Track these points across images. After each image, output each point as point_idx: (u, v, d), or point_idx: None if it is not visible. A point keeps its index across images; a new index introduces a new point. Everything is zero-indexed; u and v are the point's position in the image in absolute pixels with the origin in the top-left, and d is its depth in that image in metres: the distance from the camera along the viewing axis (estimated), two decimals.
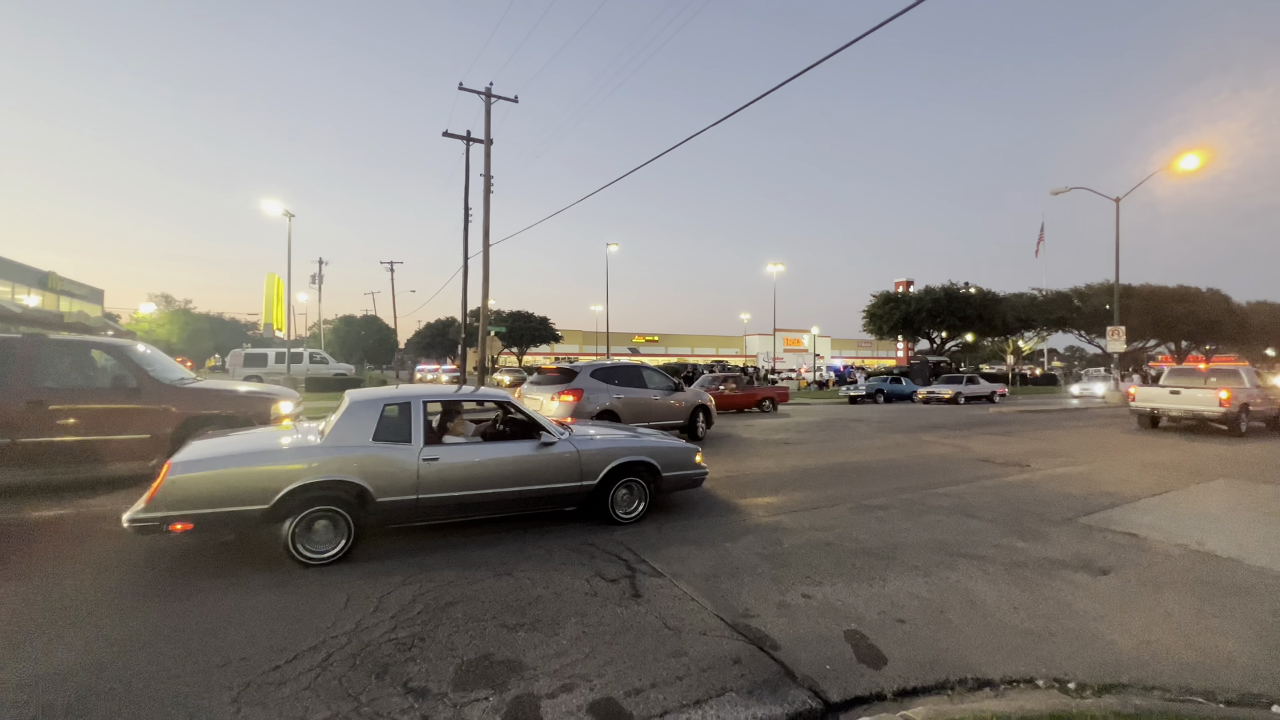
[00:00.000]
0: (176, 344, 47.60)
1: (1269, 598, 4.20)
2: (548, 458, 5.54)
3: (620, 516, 5.85)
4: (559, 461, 5.57)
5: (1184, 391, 14.21)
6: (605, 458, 5.79)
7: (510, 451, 5.44)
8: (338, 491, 4.65)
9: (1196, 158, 20.59)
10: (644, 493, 5.99)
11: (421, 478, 4.95)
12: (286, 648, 3.24)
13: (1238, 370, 14.75)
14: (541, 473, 5.49)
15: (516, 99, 20.65)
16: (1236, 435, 13.70)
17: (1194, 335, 46.15)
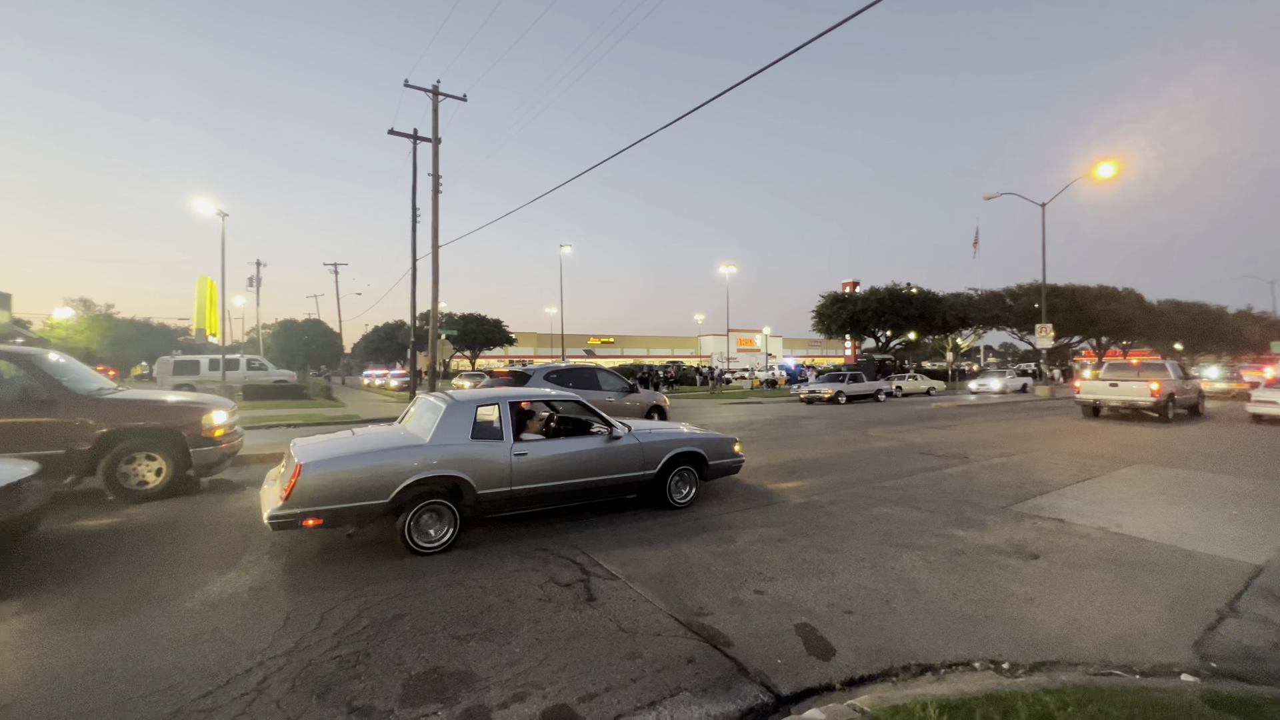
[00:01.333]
0: (98, 352, 44.34)
1: (1177, 574, 4.55)
2: (618, 450, 6.10)
3: (675, 501, 6.46)
4: (626, 453, 6.13)
5: (1121, 384, 15.89)
6: (664, 448, 6.37)
7: (586, 445, 5.98)
8: (446, 485, 5.11)
9: (1111, 166, 22.13)
10: (694, 479, 6.63)
11: (514, 471, 5.43)
12: (219, 672, 3.06)
13: (1164, 364, 16.46)
14: (613, 463, 6.04)
15: (465, 97, 20.24)
16: (1165, 421, 15.31)
17: (1113, 332, 49.52)
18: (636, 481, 6.26)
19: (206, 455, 7.19)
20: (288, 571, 4.51)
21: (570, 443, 5.94)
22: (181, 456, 7.03)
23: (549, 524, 5.83)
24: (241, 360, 28.59)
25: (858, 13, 7.46)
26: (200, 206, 23.21)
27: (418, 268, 22.49)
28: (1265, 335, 55.20)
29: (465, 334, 53.50)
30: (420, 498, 4.98)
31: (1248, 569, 4.66)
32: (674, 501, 6.46)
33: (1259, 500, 6.88)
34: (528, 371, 11.00)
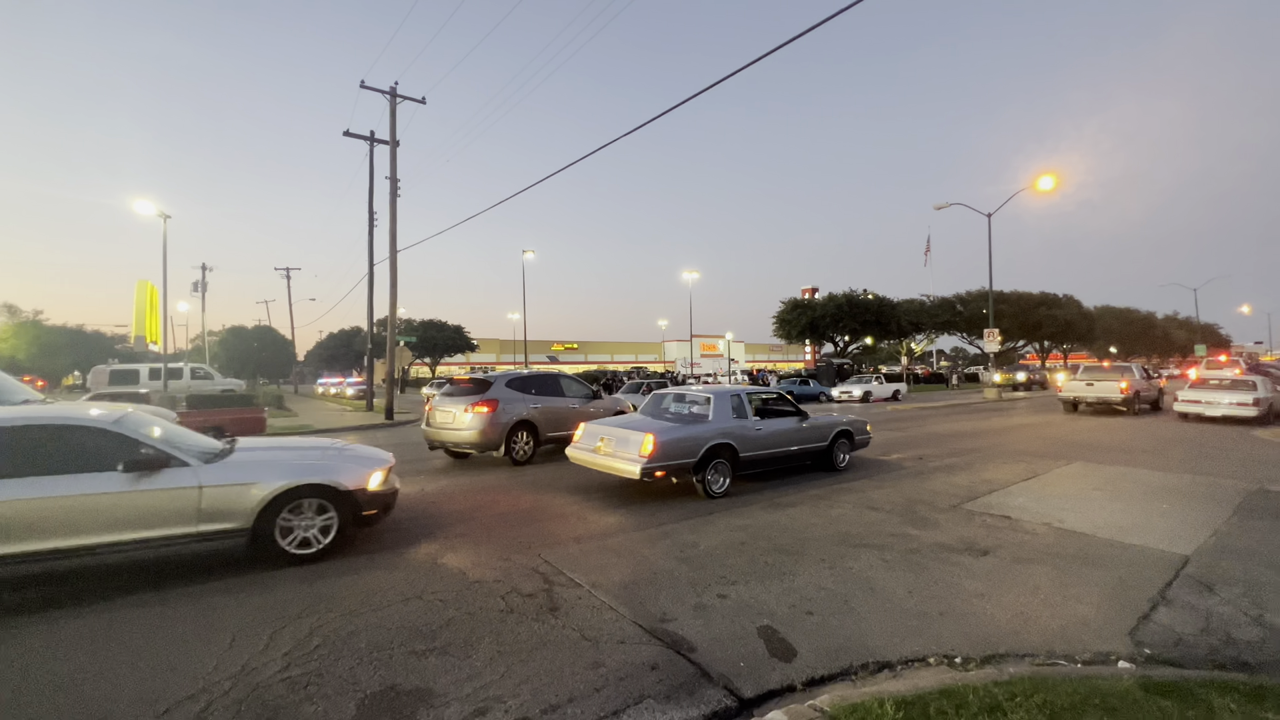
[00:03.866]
0: (24, 361, 41.52)
1: (1114, 566, 4.80)
2: (806, 427, 8.65)
3: (838, 465, 9.08)
4: (811, 430, 8.72)
5: (1096, 384, 18.97)
6: (832, 426, 9.05)
7: (791, 424, 8.52)
8: (727, 449, 7.35)
9: (1051, 179, 23.33)
10: (848, 449, 9.30)
11: (757, 440, 7.84)
12: (159, 699, 2.89)
13: (1130, 367, 19.68)
14: (806, 436, 8.63)
15: (424, 100, 19.90)
16: (1133, 414, 18.14)
17: (1055, 336, 52.09)
18: (816, 451, 8.82)
19: None
20: (234, 591, 4.31)
21: (782, 421, 8.45)
22: None
23: (514, 533, 5.74)
24: (185, 369, 27.25)
25: (820, 23, 7.67)
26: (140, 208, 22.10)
27: (375, 272, 21.94)
28: (1190, 339, 59.05)
29: (425, 341, 52.36)
30: (712, 456, 7.25)
31: (1177, 559, 4.95)
32: (837, 465, 9.09)
33: (1186, 494, 7.33)
34: (489, 379, 10.83)
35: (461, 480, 8.66)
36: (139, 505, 4.32)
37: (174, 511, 4.43)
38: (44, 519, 4.05)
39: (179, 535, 4.45)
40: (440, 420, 10.28)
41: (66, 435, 4.38)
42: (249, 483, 4.72)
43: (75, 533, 4.13)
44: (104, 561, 4.27)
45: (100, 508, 4.21)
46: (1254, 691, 2.89)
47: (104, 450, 4.38)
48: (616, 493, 7.57)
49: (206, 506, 4.54)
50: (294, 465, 5.03)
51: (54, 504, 4.08)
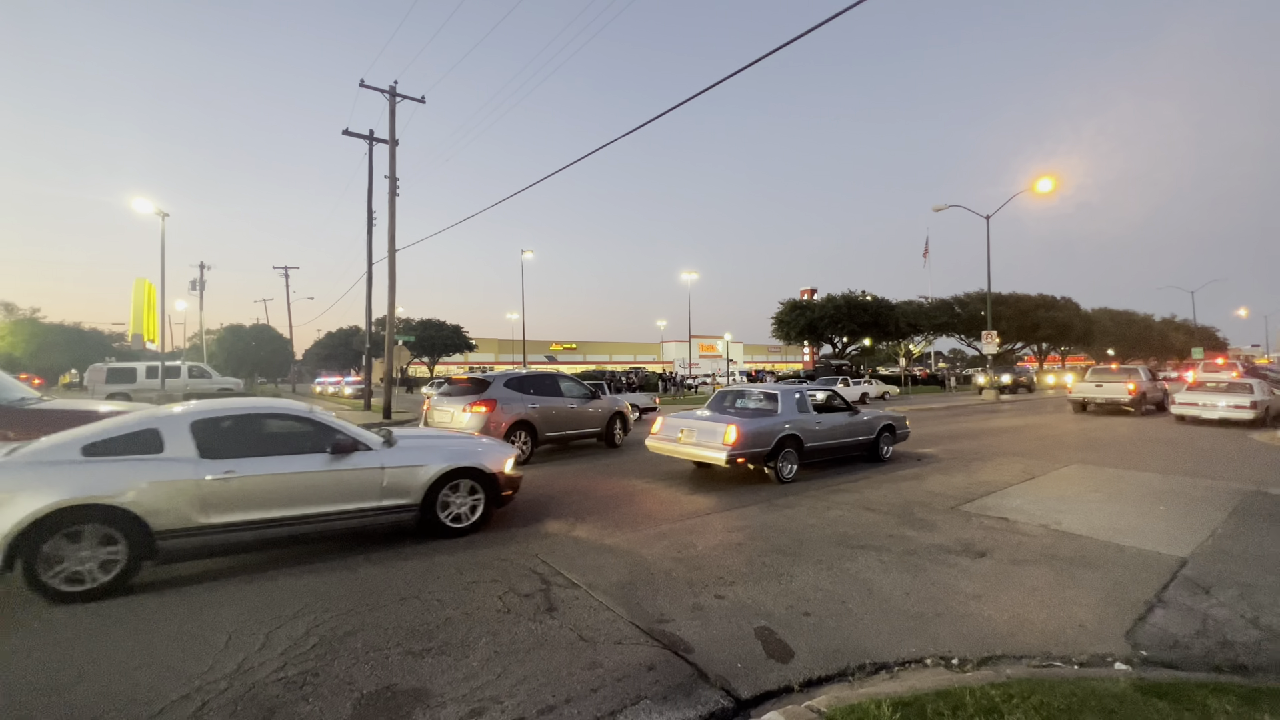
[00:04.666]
0: (21, 358, 41.41)
1: (1111, 568, 4.80)
2: (857, 421, 9.68)
3: (884, 456, 10.15)
4: (861, 424, 9.75)
5: (1105, 385, 19.61)
6: (879, 421, 10.13)
7: (844, 419, 9.50)
8: (794, 440, 8.42)
9: (1050, 181, 23.39)
10: (891, 441, 10.37)
11: (817, 432, 8.87)
12: (152, 700, 2.88)
13: (1137, 369, 20.43)
14: (856, 430, 9.65)
15: (424, 99, 19.88)
16: (1138, 415, 18.79)
17: (1053, 338, 52.19)
18: (864, 443, 9.83)
19: None
20: (230, 590, 4.30)
21: (837, 416, 9.46)
22: None
23: (510, 533, 5.74)
24: (183, 368, 27.18)
25: (818, 25, 7.68)
26: (138, 206, 22.06)
27: (374, 271, 21.92)
28: (1188, 341, 59.20)
29: (424, 340, 52.31)
30: (782, 446, 8.23)
31: (1174, 562, 4.96)
32: (882, 456, 10.12)
33: (1183, 497, 7.34)
34: (488, 378, 10.82)
35: None
36: (340, 482, 5.08)
37: (365, 488, 5.17)
38: (274, 491, 4.77)
39: (367, 509, 5.19)
40: (438, 420, 10.27)
41: (286, 421, 5.22)
42: (419, 465, 5.47)
43: (295, 504, 4.86)
44: (311, 530, 4.97)
45: (314, 483, 4.97)
46: (1250, 694, 2.89)
47: (309, 435, 5.17)
48: (615, 493, 7.57)
49: (387, 484, 5.28)
50: (452, 450, 5.75)
51: (281, 479, 4.82)
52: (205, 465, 4.57)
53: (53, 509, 3.99)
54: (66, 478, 4.14)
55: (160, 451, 4.52)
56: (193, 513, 4.45)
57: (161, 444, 4.55)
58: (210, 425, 4.81)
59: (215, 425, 4.84)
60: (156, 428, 4.63)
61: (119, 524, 4.19)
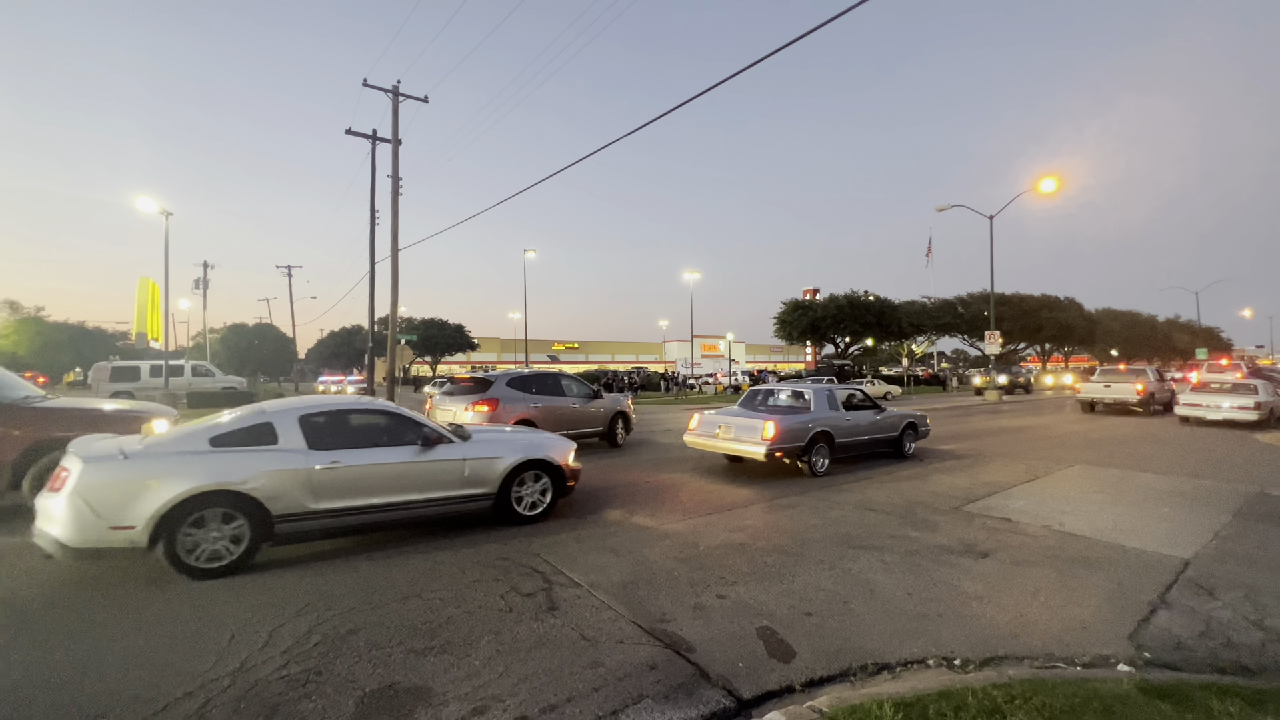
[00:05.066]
0: (25, 357, 41.59)
1: (1114, 569, 4.79)
2: (882, 419, 10.18)
3: (907, 452, 10.54)
4: (887, 420, 10.27)
5: (1113, 385, 19.86)
6: (902, 419, 10.56)
7: (870, 416, 10.02)
8: (826, 436, 8.92)
9: (1053, 181, 23.32)
10: (913, 438, 10.80)
11: (846, 429, 9.35)
12: (155, 697, 2.89)
13: (1145, 370, 20.49)
14: (881, 427, 10.10)
15: (427, 99, 19.90)
16: (1148, 414, 19.16)
17: (1056, 338, 52.09)
18: (889, 439, 10.27)
19: None
20: (233, 588, 4.31)
21: (864, 413, 9.94)
22: None
23: (511, 532, 5.74)
24: (186, 366, 27.29)
25: (821, 25, 7.67)
26: (142, 205, 22.13)
27: (376, 271, 21.94)
28: (1192, 342, 58.97)
29: (426, 339, 52.40)
30: (815, 441, 8.69)
31: (1177, 563, 4.94)
32: (905, 452, 10.50)
33: (1186, 498, 7.32)
34: (490, 378, 10.83)
35: None
36: (428, 472, 5.51)
37: (449, 478, 5.61)
38: (372, 480, 5.20)
39: (450, 497, 5.63)
40: (441, 419, 10.30)
41: (377, 417, 5.66)
42: (496, 457, 5.91)
43: (390, 492, 5.29)
44: (402, 517, 5.39)
45: (406, 473, 5.39)
46: (1254, 696, 2.88)
47: (398, 429, 5.61)
48: (615, 493, 7.57)
49: (469, 475, 5.73)
50: (524, 444, 6.22)
51: (378, 469, 5.25)
52: (314, 456, 4.99)
53: (191, 493, 4.42)
54: (200, 466, 4.56)
55: (275, 444, 4.93)
56: (304, 499, 4.87)
57: (276, 437, 4.96)
58: (315, 419, 5.23)
59: (320, 419, 5.26)
60: (271, 422, 5.04)
61: (244, 508, 4.61)
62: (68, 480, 4.27)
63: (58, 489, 4.29)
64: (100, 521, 4.21)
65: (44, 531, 4.30)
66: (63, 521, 4.18)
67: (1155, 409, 19.83)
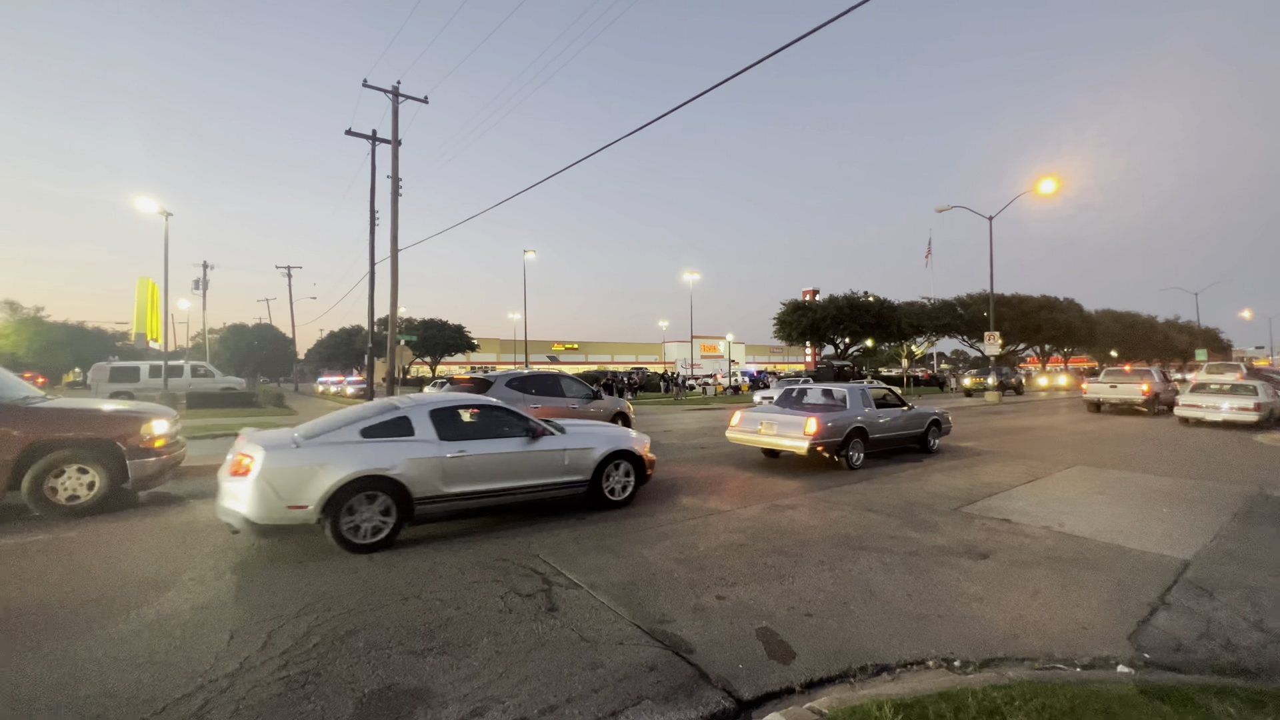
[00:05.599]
0: (25, 358, 41.53)
1: (1114, 570, 4.79)
2: (910, 415, 10.81)
3: (932, 447, 11.14)
4: (915, 417, 10.92)
5: (1119, 386, 20.38)
6: (927, 416, 11.11)
7: (898, 414, 10.54)
8: (861, 432, 9.48)
9: (1053, 182, 23.32)
10: (938, 434, 11.32)
11: (879, 426, 9.96)
12: (154, 698, 2.89)
13: (1150, 370, 21.00)
14: (910, 423, 10.76)
15: (427, 99, 19.91)
16: (1152, 414, 19.30)
17: (1056, 339, 52.03)
18: (915, 436, 10.84)
19: (145, 467, 6.80)
20: (233, 588, 4.31)
21: (894, 410, 10.50)
22: (117, 469, 6.63)
23: (512, 532, 5.74)
24: (186, 366, 27.28)
25: (820, 27, 7.68)
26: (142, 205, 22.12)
27: (376, 271, 21.93)
28: (1191, 343, 58.99)
29: (426, 340, 52.35)
30: (851, 437, 9.26)
31: (1177, 564, 4.94)
32: (930, 448, 11.05)
33: (1186, 499, 7.32)
34: (490, 378, 10.84)
35: None
36: (536, 461, 6.16)
37: (552, 466, 6.25)
38: (491, 467, 5.85)
39: (553, 483, 6.26)
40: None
41: (493, 412, 6.35)
42: (590, 448, 6.56)
43: (505, 478, 5.94)
44: (514, 501, 6.05)
45: (518, 461, 6.04)
46: (1254, 697, 2.88)
47: (509, 423, 6.29)
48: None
49: (568, 464, 6.37)
50: (612, 436, 6.91)
51: (496, 458, 5.91)
52: (444, 446, 5.63)
53: (352, 478, 5.06)
54: (356, 454, 5.22)
55: (412, 435, 5.58)
56: (438, 483, 5.51)
57: (412, 429, 5.61)
58: (442, 414, 5.87)
59: (445, 414, 5.90)
60: (407, 416, 5.68)
61: (391, 491, 5.26)
62: (252, 466, 4.88)
63: (243, 474, 4.92)
64: (280, 501, 4.86)
65: (232, 510, 4.92)
66: (249, 501, 4.79)
67: (1160, 409, 19.99)
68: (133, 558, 5.04)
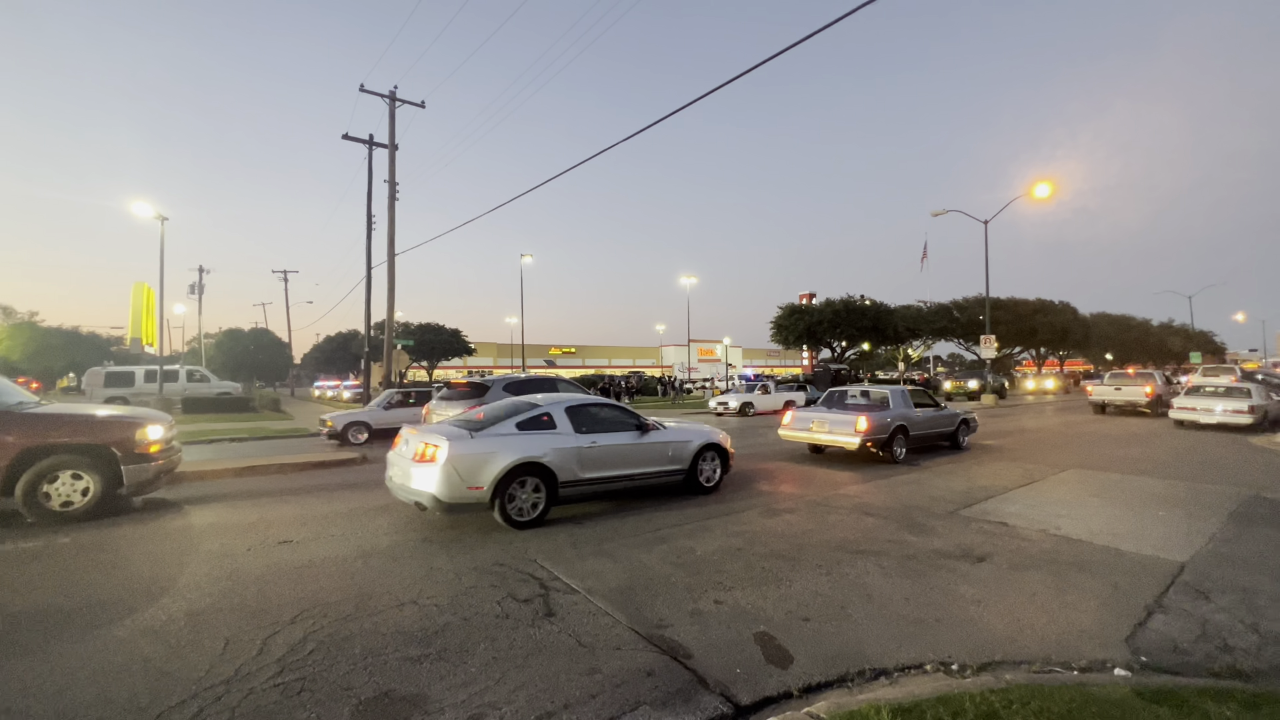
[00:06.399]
0: (19, 363, 41.30)
1: (1110, 573, 4.80)
2: (944, 415, 11.76)
3: (962, 445, 12.12)
4: (948, 416, 11.90)
5: (1123, 388, 21.18)
6: (957, 416, 12.13)
7: (934, 412, 11.54)
8: (903, 430, 10.50)
9: (1047, 187, 23.46)
10: (967, 432, 12.35)
11: (918, 422, 10.94)
12: (149, 705, 2.87)
13: (1153, 374, 22.12)
14: (944, 422, 11.70)
15: (424, 104, 19.94)
16: (1156, 415, 19.93)
17: (1051, 343, 52.23)
18: (948, 434, 11.81)
19: (140, 473, 6.76)
20: (228, 595, 4.28)
21: (930, 410, 11.48)
22: (112, 474, 6.59)
23: (508, 537, 5.72)
24: (181, 371, 27.19)
25: (816, 32, 7.72)
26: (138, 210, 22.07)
27: (373, 276, 21.91)
28: (1186, 346, 59.26)
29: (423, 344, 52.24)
30: (895, 433, 10.22)
31: (1173, 567, 4.95)
32: (960, 444, 12.03)
33: (1182, 501, 7.34)
34: (486, 382, 10.82)
35: None
36: (646, 451, 7.20)
37: (658, 456, 7.31)
38: (615, 457, 6.88)
39: (658, 471, 7.30)
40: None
41: (611, 409, 7.39)
42: (688, 440, 7.61)
43: (624, 466, 6.97)
44: (629, 486, 7.07)
45: (633, 452, 7.07)
46: (1250, 699, 2.89)
47: (624, 419, 7.31)
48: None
49: (671, 454, 7.42)
50: (703, 432, 7.95)
51: (618, 448, 6.93)
52: (579, 438, 6.60)
53: (515, 464, 5.99)
54: (516, 444, 6.16)
55: (555, 428, 6.54)
56: (576, 469, 6.46)
57: (554, 423, 6.57)
58: (576, 410, 6.90)
59: (578, 410, 6.95)
60: (549, 412, 6.65)
61: (543, 475, 6.19)
62: (439, 454, 5.74)
63: (430, 460, 5.76)
64: (462, 483, 5.73)
65: (421, 490, 5.74)
66: (438, 483, 5.64)
67: (1162, 411, 20.15)
68: (127, 564, 5.01)
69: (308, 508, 7.11)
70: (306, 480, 9.12)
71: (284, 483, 8.91)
